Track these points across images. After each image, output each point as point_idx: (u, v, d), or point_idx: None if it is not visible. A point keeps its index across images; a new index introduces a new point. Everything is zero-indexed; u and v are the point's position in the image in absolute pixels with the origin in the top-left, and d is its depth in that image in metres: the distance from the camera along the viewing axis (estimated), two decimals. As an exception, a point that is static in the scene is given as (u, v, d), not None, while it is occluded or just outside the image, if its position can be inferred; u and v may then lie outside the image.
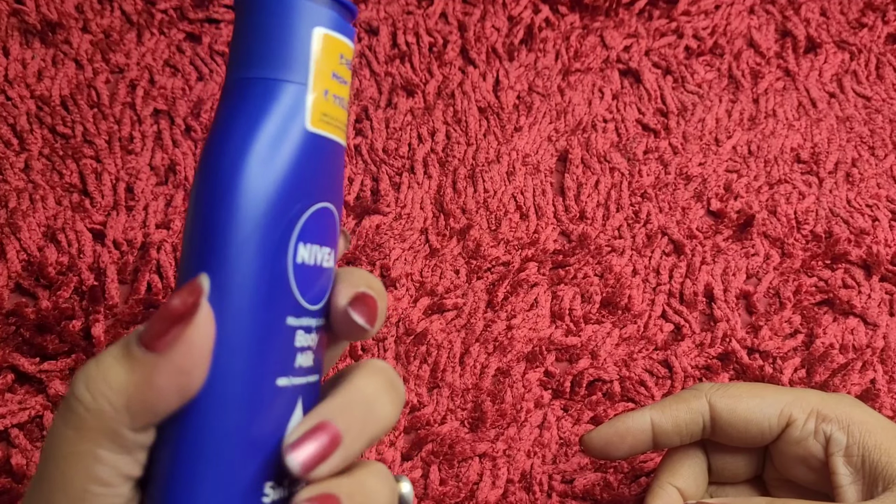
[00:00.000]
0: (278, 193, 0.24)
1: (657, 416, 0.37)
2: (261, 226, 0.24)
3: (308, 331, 0.25)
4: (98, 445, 0.22)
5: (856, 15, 0.70)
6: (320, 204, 0.25)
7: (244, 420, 0.24)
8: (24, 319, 0.48)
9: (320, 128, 0.25)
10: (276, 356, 0.24)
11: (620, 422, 0.38)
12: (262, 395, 0.24)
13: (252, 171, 0.24)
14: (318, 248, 0.26)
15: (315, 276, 0.26)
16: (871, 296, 0.54)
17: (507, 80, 0.63)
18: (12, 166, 0.55)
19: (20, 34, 0.62)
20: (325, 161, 0.26)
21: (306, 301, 0.25)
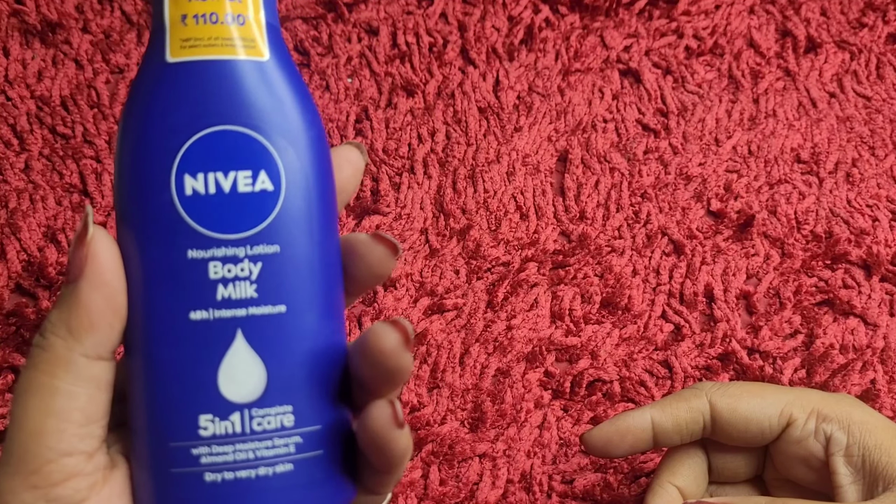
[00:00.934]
0: (144, 131, 0.24)
1: (657, 414, 0.37)
2: (135, 166, 0.24)
3: (231, 261, 0.24)
4: (53, 377, 0.23)
5: (856, 15, 0.70)
6: (211, 129, 0.24)
7: (163, 353, 0.24)
8: (25, 320, 0.48)
9: (184, 55, 0.24)
10: (183, 289, 0.24)
11: (621, 420, 0.38)
12: (174, 328, 0.24)
13: (124, 118, 0.25)
14: (220, 175, 0.24)
15: (222, 204, 0.24)
16: (872, 296, 0.54)
17: (507, 80, 0.63)
18: (12, 167, 0.56)
19: (20, 34, 0.62)
20: (201, 85, 0.24)
21: (212, 231, 0.24)
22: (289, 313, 0.25)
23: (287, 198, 0.25)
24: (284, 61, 0.26)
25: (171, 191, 0.24)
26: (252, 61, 0.25)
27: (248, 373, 0.25)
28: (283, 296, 0.25)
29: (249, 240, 0.25)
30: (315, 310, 0.26)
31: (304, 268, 0.25)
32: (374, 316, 0.51)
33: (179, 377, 0.24)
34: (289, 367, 0.25)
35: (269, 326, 0.25)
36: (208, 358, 0.24)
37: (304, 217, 0.25)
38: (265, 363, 0.25)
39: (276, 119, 0.25)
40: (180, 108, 0.24)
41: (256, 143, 0.25)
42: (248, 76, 0.25)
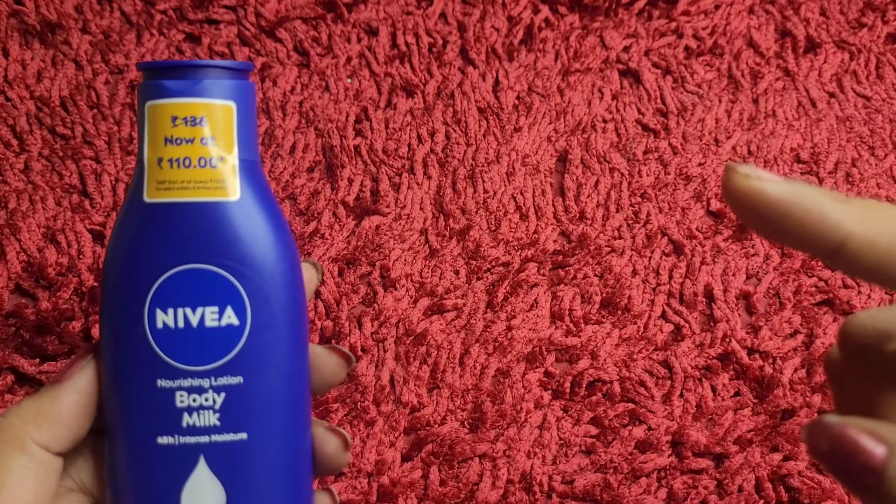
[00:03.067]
0: (123, 267, 0.27)
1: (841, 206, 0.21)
2: (114, 300, 0.27)
3: (196, 391, 0.26)
4: (6, 454, 0.25)
5: (855, 15, 0.70)
6: (181, 267, 0.26)
7: (132, 474, 0.26)
8: (24, 320, 0.48)
9: (160, 196, 0.26)
10: (150, 416, 0.26)
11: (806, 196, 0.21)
12: (142, 451, 0.26)
13: (108, 252, 0.27)
14: (188, 310, 0.26)
15: (190, 337, 0.26)
16: (871, 296, 0.54)
17: (506, 80, 0.63)
18: (12, 167, 0.55)
19: (20, 35, 0.62)
20: (174, 226, 0.26)
21: (180, 363, 0.26)
22: (250, 440, 0.27)
23: (252, 331, 0.27)
24: (258, 198, 0.27)
25: (144, 324, 0.26)
26: (222, 203, 0.27)
27: (208, 496, 0.27)
28: (244, 424, 0.27)
29: (214, 371, 0.27)
30: (277, 436, 0.27)
31: (267, 397, 0.27)
32: (373, 316, 0.51)
33: (145, 497, 0.26)
34: (248, 491, 0.27)
35: (231, 453, 0.27)
36: (172, 481, 0.26)
37: (268, 348, 0.27)
38: (225, 487, 0.27)
39: (243, 256, 0.27)
40: (154, 247, 0.26)
41: (223, 279, 0.27)
42: (218, 217, 0.27)
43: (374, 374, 0.49)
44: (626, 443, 0.47)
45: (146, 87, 0.27)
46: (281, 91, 0.62)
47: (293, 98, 0.61)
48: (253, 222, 0.27)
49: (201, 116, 0.27)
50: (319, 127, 0.60)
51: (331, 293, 0.52)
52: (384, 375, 0.49)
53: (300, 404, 0.28)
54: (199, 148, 0.26)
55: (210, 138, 0.27)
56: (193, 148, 0.26)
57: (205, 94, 0.26)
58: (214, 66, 0.27)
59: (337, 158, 0.58)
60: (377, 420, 0.47)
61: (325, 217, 0.55)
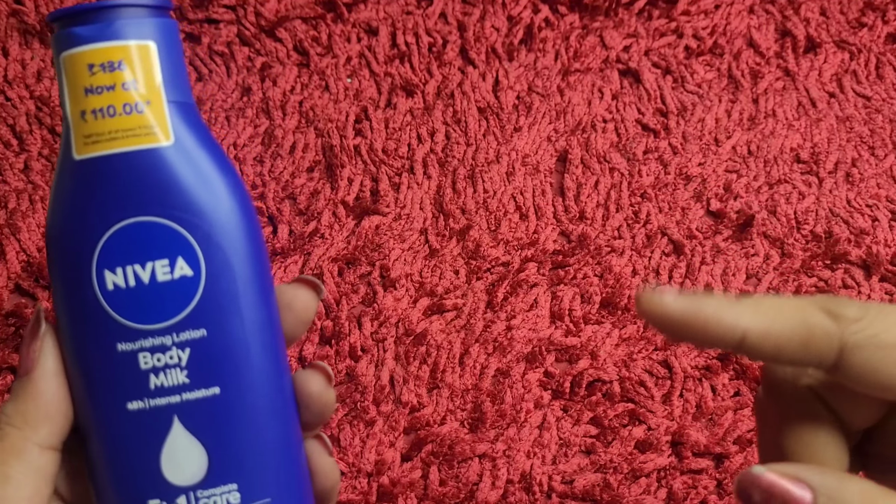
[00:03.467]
0: (62, 232, 0.25)
1: (750, 313, 0.24)
2: (59, 268, 0.25)
3: (160, 350, 0.25)
4: (6, 465, 0.24)
5: (855, 14, 0.70)
6: (123, 223, 0.25)
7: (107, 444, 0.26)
8: (24, 320, 0.48)
9: (89, 151, 0.25)
10: (116, 383, 0.25)
11: (700, 301, 0.24)
12: (114, 420, 0.25)
13: (47, 219, 0.26)
14: (137, 267, 0.25)
15: (144, 295, 0.25)
16: (871, 296, 0.54)
17: (506, 80, 0.63)
18: (12, 167, 0.55)
19: (20, 35, 0.62)
20: (108, 180, 0.25)
21: (138, 322, 0.25)
22: (224, 394, 0.26)
23: (208, 280, 0.25)
24: (195, 140, 0.26)
25: (94, 287, 0.25)
26: (155, 149, 0.25)
27: (188, 456, 0.26)
28: (214, 378, 0.26)
29: (175, 327, 0.25)
30: (252, 387, 0.26)
31: (234, 347, 0.26)
32: (373, 316, 0.51)
33: (125, 466, 0.25)
34: (228, 447, 0.26)
35: (205, 409, 0.26)
36: (149, 446, 0.25)
37: (228, 296, 0.26)
38: (204, 445, 0.26)
39: (185, 202, 0.25)
40: (90, 206, 0.25)
41: (169, 229, 0.25)
42: (152, 164, 0.25)
43: (374, 373, 0.49)
44: (626, 443, 0.47)
45: (59, 38, 0.25)
46: (281, 91, 0.62)
47: (293, 98, 0.61)
48: (191, 166, 0.25)
49: (119, 60, 0.25)
50: (319, 127, 0.60)
51: (331, 293, 0.52)
52: (384, 375, 0.49)
53: (272, 351, 0.27)
54: (122, 94, 0.25)
55: (132, 82, 0.25)
56: (115, 95, 0.25)
57: (119, 37, 0.25)
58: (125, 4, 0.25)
59: (337, 158, 0.58)
60: (377, 420, 0.47)
61: (325, 217, 0.55)
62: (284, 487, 0.27)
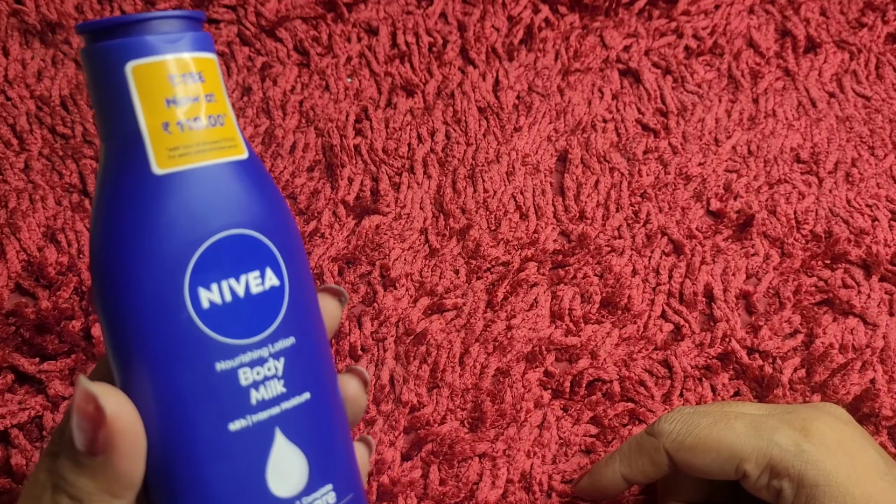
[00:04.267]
0: (145, 253, 0.24)
1: (626, 471, 0.40)
2: (141, 289, 0.24)
3: (259, 363, 0.25)
4: None
5: (855, 14, 0.70)
6: (214, 238, 0.24)
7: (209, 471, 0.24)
8: (24, 319, 0.48)
9: (173, 165, 0.24)
10: (217, 404, 0.24)
11: (596, 479, 0.42)
12: (216, 444, 0.24)
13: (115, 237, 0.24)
14: (232, 281, 0.24)
15: (240, 309, 0.24)
16: (871, 296, 0.54)
17: (506, 80, 0.63)
18: (12, 166, 0.56)
19: (20, 34, 0.62)
20: (197, 195, 0.24)
21: (236, 338, 0.24)
22: (313, 398, 0.26)
23: (291, 288, 0.26)
24: (255, 156, 0.26)
25: (188, 307, 0.24)
26: (238, 161, 0.25)
27: (292, 467, 0.25)
28: (306, 384, 0.26)
29: (270, 338, 0.25)
30: (329, 388, 0.27)
31: (315, 351, 0.26)
32: (373, 316, 0.51)
33: (231, 491, 0.24)
34: (323, 449, 0.26)
35: (300, 416, 0.26)
36: (255, 463, 0.25)
37: (306, 303, 0.26)
38: (304, 452, 0.25)
39: (266, 215, 0.25)
40: (180, 222, 0.24)
41: (257, 241, 0.25)
42: (237, 177, 0.25)
43: (374, 373, 0.49)
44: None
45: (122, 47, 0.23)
46: (281, 90, 0.62)
47: (293, 97, 0.61)
48: (263, 180, 0.25)
49: (199, 71, 0.24)
50: (319, 126, 0.60)
51: (331, 292, 0.52)
52: (384, 375, 0.49)
53: (331, 355, 0.28)
54: (206, 105, 0.24)
55: (211, 95, 0.24)
56: (200, 106, 0.24)
57: (194, 48, 0.24)
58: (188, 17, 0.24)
59: (337, 158, 0.58)
60: (377, 419, 0.47)
61: (325, 216, 0.55)
62: (358, 482, 0.28)
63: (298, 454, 0.25)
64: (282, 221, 0.26)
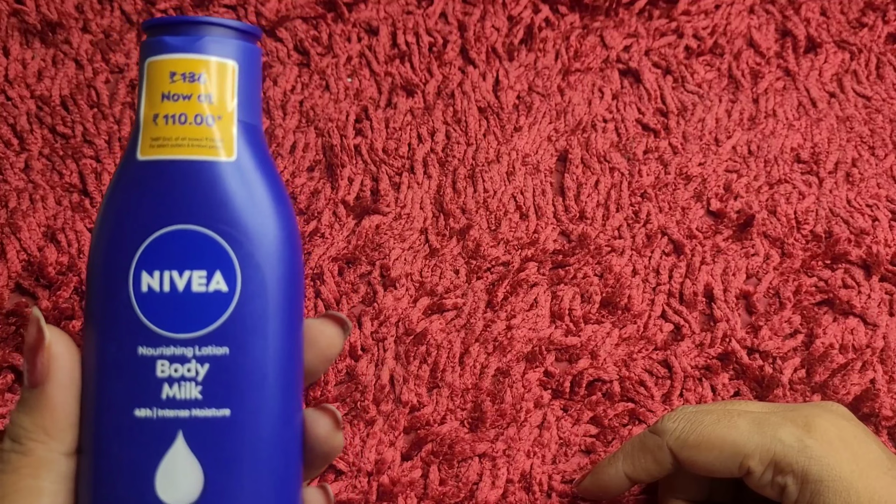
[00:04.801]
0: (111, 227, 0.25)
1: (629, 469, 0.40)
2: (100, 261, 0.25)
3: (179, 361, 0.25)
4: (37, 478, 0.24)
5: (856, 14, 0.70)
6: (170, 227, 0.25)
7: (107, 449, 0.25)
8: (25, 319, 0.48)
9: (153, 153, 0.25)
10: (129, 386, 0.25)
11: (599, 477, 0.42)
12: (118, 424, 0.25)
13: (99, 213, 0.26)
14: (174, 274, 0.25)
15: (176, 303, 0.25)
16: (871, 296, 0.54)
17: (506, 79, 0.63)
18: (12, 166, 0.56)
19: (20, 34, 0.62)
20: (165, 184, 0.25)
21: (164, 329, 0.25)
22: (233, 417, 0.25)
23: (242, 300, 0.25)
24: (257, 161, 0.26)
25: (129, 287, 0.25)
26: (217, 162, 0.25)
27: (185, 475, 0.25)
28: (228, 399, 0.25)
29: (198, 340, 0.25)
30: (263, 415, 0.25)
31: (254, 371, 0.25)
32: (373, 315, 0.51)
33: (119, 475, 0.25)
34: (228, 472, 0.25)
35: (211, 429, 0.25)
36: (148, 457, 0.25)
37: (258, 319, 0.25)
38: (203, 466, 0.25)
39: (236, 220, 0.25)
40: (143, 206, 0.25)
41: (214, 243, 0.25)
42: (211, 177, 0.25)
43: (374, 373, 0.49)
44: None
45: (148, 45, 0.26)
46: (281, 90, 0.62)
47: (293, 97, 0.61)
48: (248, 186, 0.25)
49: (200, 73, 0.25)
50: (319, 126, 0.60)
51: (331, 292, 0.52)
52: (384, 375, 0.49)
53: (291, 384, 0.26)
54: (196, 105, 0.25)
55: (208, 96, 0.25)
56: (190, 104, 0.25)
57: (205, 51, 0.25)
58: (218, 24, 0.26)
59: (337, 158, 0.58)
60: (377, 419, 0.47)
61: (326, 216, 0.55)
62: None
63: (196, 466, 0.25)
64: (255, 232, 0.25)
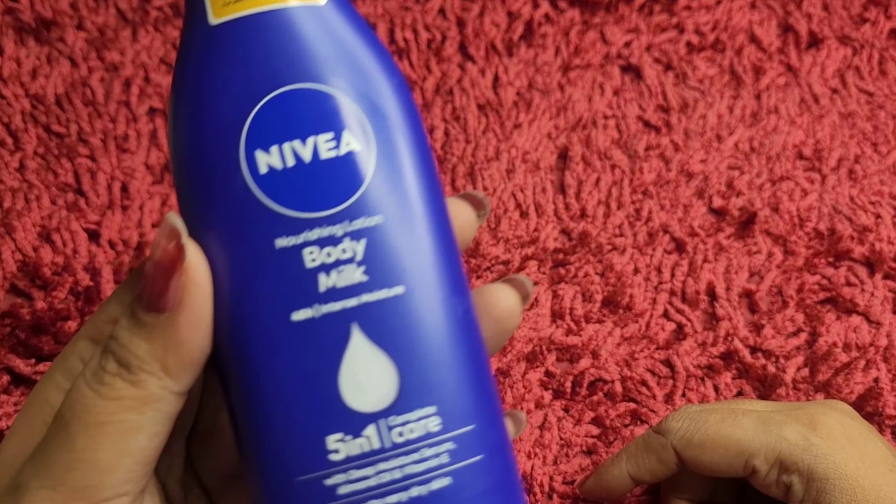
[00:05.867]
0: (198, 109, 0.21)
1: (633, 469, 0.40)
2: (195, 152, 0.21)
3: (329, 243, 0.21)
4: (140, 414, 0.21)
5: (858, 10, 0.70)
6: (275, 92, 0.21)
7: (267, 370, 0.21)
8: (20, 320, 0.48)
9: (228, 13, 0.21)
10: (278, 288, 0.20)
11: (602, 478, 0.41)
12: (275, 336, 0.20)
13: (174, 99, 0.21)
14: (297, 143, 0.21)
15: (306, 176, 0.21)
16: (875, 294, 0.54)
17: (506, 76, 0.63)
18: (7, 166, 0.55)
19: (14, 32, 0.61)
20: (254, 44, 0.21)
21: (300, 210, 0.21)
22: (408, 294, 0.21)
23: (380, 156, 0.21)
24: (344, 4, 0.22)
25: (243, 172, 0.20)
26: (307, 7, 0.21)
27: (374, 374, 0.21)
28: (398, 274, 0.21)
29: (346, 213, 0.21)
30: (439, 284, 0.21)
31: (417, 236, 0.21)
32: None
33: (293, 396, 0.20)
34: (422, 359, 0.21)
35: (389, 314, 0.21)
36: (323, 364, 0.20)
37: (403, 176, 0.21)
38: (393, 359, 0.21)
39: (347, 69, 0.21)
40: (235, 75, 0.21)
41: (331, 98, 0.21)
42: (307, 25, 0.21)
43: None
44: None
45: None
46: (278, 88, 0.61)
47: (291, 95, 0.61)
48: (349, 30, 0.22)
49: None
50: (317, 124, 0.59)
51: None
52: (383, 375, 0.48)
53: (454, 252, 0.22)
54: None
55: None
56: None
57: None
58: None
59: (335, 156, 0.58)
60: (376, 420, 0.47)
61: (324, 215, 0.55)
62: (488, 414, 0.23)
63: (384, 360, 0.21)
64: (369, 78, 0.21)
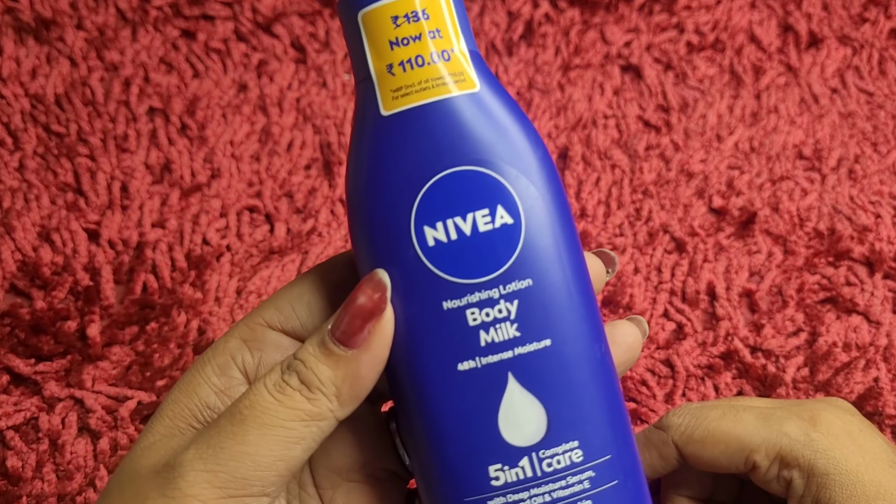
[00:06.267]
0: (374, 193, 0.25)
1: None
2: (372, 232, 0.25)
3: (488, 304, 0.24)
4: (306, 427, 0.24)
5: (858, 10, 0.70)
6: (439, 175, 0.24)
7: (440, 411, 0.25)
8: (19, 320, 0.48)
9: (397, 106, 0.24)
10: (446, 343, 0.24)
11: None
12: (445, 384, 0.24)
13: (351, 180, 0.25)
14: (458, 220, 0.24)
15: (467, 248, 0.24)
16: (874, 293, 0.54)
17: (506, 75, 0.63)
18: (6, 165, 0.55)
19: (14, 32, 0.61)
20: (420, 133, 0.24)
21: (463, 277, 0.24)
22: (555, 345, 0.25)
23: (529, 227, 0.25)
24: (495, 87, 0.25)
25: (414, 245, 0.24)
26: (465, 95, 0.25)
27: (527, 415, 0.25)
28: (545, 329, 0.25)
29: (501, 278, 0.24)
30: (580, 335, 0.25)
31: (560, 295, 0.25)
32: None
33: (461, 432, 0.25)
34: (566, 402, 0.25)
35: (538, 363, 0.25)
36: (485, 407, 0.24)
37: (549, 244, 0.25)
38: (542, 402, 0.25)
39: (500, 149, 0.25)
40: (404, 161, 0.24)
41: (487, 177, 0.25)
42: (465, 111, 0.25)
43: (373, 373, 0.49)
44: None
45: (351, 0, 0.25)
46: (278, 87, 0.61)
47: (290, 94, 0.61)
48: (501, 113, 0.25)
49: (422, 9, 0.25)
50: (316, 123, 0.59)
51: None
52: (383, 375, 0.48)
53: (592, 303, 0.26)
54: (428, 43, 0.24)
55: (435, 31, 0.25)
56: (422, 45, 0.24)
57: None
58: None
59: (334, 155, 0.57)
60: (376, 420, 0.47)
61: (323, 215, 0.55)
62: (622, 443, 0.26)
63: (534, 403, 0.25)
64: (519, 156, 0.25)
